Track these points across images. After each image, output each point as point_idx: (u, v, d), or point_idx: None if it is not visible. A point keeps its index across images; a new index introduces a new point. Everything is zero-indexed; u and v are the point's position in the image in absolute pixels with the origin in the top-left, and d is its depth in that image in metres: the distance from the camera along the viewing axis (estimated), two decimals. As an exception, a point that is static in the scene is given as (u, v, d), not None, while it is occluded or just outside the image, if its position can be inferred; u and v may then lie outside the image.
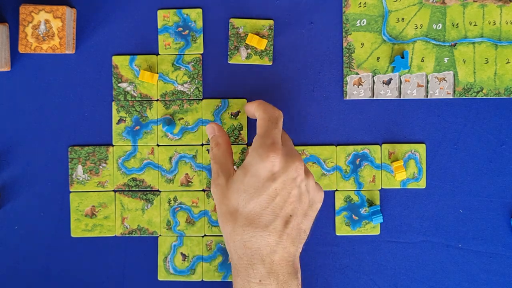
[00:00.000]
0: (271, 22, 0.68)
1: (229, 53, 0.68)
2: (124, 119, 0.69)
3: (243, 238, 0.56)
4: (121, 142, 0.69)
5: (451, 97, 0.68)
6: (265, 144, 0.57)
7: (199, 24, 0.69)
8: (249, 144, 0.69)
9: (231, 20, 0.68)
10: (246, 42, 0.67)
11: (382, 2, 0.68)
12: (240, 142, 0.68)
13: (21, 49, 0.65)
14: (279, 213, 0.56)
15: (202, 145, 0.69)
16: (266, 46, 0.68)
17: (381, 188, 0.69)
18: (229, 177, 0.59)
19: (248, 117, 0.68)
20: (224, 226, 0.58)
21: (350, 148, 0.69)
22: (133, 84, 0.69)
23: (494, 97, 0.68)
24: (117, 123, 0.69)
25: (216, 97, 0.69)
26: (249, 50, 0.68)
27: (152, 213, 0.69)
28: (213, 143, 0.63)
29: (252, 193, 0.56)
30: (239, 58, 0.68)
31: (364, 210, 0.69)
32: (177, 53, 0.69)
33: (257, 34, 0.68)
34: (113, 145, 0.69)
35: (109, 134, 0.69)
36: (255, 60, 0.68)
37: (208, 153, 0.69)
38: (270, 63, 0.68)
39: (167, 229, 0.69)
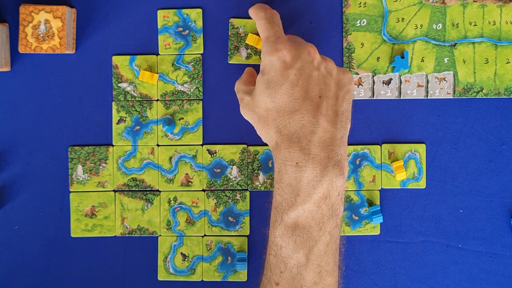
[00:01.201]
0: None
1: (229, 53, 0.68)
2: (124, 119, 0.69)
3: (277, 126, 0.56)
4: (121, 142, 0.69)
5: (451, 97, 0.68)
6: (269, 41, 0.58)
7: (199, 24, 0.69)
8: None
9: (231, 20, 0.68)
10: (246, 42, 0.67)
11: (382, 2, 0.68)
12: None
13: (21, 49, 0.65)
14: (306, 96, 0.56)
15: (202, 145, 0.69)
16: None
17: (381, 188, 0.69)
18: (252, 92, 0.60)
19: None
20: (261, 130, 0.58)
21: (350, 148, 0.69)
22: (133, 84, 0.69)
23: (494, 97, 0.68)
24: (117, 123, 0.69)
25: (217, 97, 0.69)
26: (249, 50, 0.68)
27: (152, 213, 0.69)
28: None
29: (274, 86, 0.57)
30: (239, 58, 0.68)
31: (364, 210, 0.69)
32: (177, 53, 0.69)
33: (257, 34, 0.68)
34: (113, 145, 0.69)
35: (109, 134, 0.69)
36: (255, 60, 0.68)
37: (209, 153, 0.69)
38: None
39: (167, 229, 0.69)
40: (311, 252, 0.55)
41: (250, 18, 0.68)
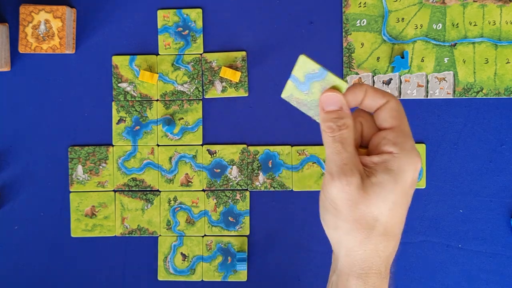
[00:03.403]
0: (244, 53, 0.68)
1: (204, 87, 0.68)
2: (124, 119, 0.69)
3: (377, 248, 0.49)
4: (121, 142, 0.69)
5: (451, 97, 0.68)
6: (414, 147, 0.47)
7: (199, 24, 0.69)
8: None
9: (204, 54, 0.68)
10: (220, 75, 0.67)
11: (382, 2, 0.68)
12: None
13: (21, 49, 0.65)
14: (404, 220, 0.50)
15: (202, 145, 0.69)
16: (240, 77, 0.68)
17: (381, 188, 0.69)
18: (362, 175, 0.47)
19: None
20: (353, 233, 0.48)
21: (350, 148, 0.68)
22: (133, 84, 0.69)
23: (494, 97, 0.68)
24: (117, 123, 0.69)
25: (218, 97, 0.69)
26: (224, 83, 0.68)
27: (152, 213, 0.69)
28: (340, 122, 0.47)
29: (398, 202, 0.47)
30: (215, 92, 0.68)
31: (364, 210, 0.69)
32: (177, 53, 0.69)
33: (230, 66, 0.68)
34: (113, 145, 0.69)
35: (109, 134, 0.69)
36: (231, 93, 0.68)
37: (209, 153, 0.69)
38: (246, 94, 0.68)
39: (167, 229, 0.69)
40: None
41: (221, 51, 0.68)
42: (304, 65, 0.50)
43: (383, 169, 0.47)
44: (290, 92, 0.49)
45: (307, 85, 0.49)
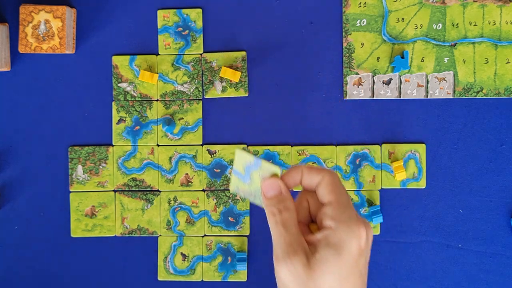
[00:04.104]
0: (244, 53, 0.68)
1: (204, 87, 0.68)
2: (124, 119, 0.69)
3: None
4: (121, 142, 0.69)
5: (451, 97, 0.68)
6: (353, 217, 0.49)
7: (199, 24, 0.69)
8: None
9: (204, 54, 0.68)
10: (220, 75, 0.67)
11: (382, 2, 0.68)
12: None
13: (21, 49, 0.65)
14: (363, 285, 0.50)
15: (202, 145, 0.69)
16: (240, 77, 0.68)
17: (381, 188, 0.69)
18: (307, 254, 0.48)
19: None
20: None
21: (350, 148, 0.69)
22: (133, 84, 0.69)
23: (494, 97, 0.68)
24: (117, 123, 0.69)
25: (218, 97, 0.69)
26: (224, 83, 0.68)
27: (152, 213, 0.69)
28: (280, 205, 0.49)
29: (346, 274, 0.48)
30: (215, 92, 0.68)
31: (364, 210, 0.69)
32: (177, 53, 0.69)
33: (230, 66, 0.68)
34: (113, 145, 0.69)
35: (109, 134, 0.69)
36: (231, 93, 0.68)
37: (209, 153, 0.69)
38: (246, 94, 0.68)
39: (167, 229, 0.69)
40: None
41: (221, 51, 0.68)
42: (241, 158, 0.53)
43: (324, 244, 0.48)
44: (236, 185, 0.52)
45: (248, 176, 0.52)
